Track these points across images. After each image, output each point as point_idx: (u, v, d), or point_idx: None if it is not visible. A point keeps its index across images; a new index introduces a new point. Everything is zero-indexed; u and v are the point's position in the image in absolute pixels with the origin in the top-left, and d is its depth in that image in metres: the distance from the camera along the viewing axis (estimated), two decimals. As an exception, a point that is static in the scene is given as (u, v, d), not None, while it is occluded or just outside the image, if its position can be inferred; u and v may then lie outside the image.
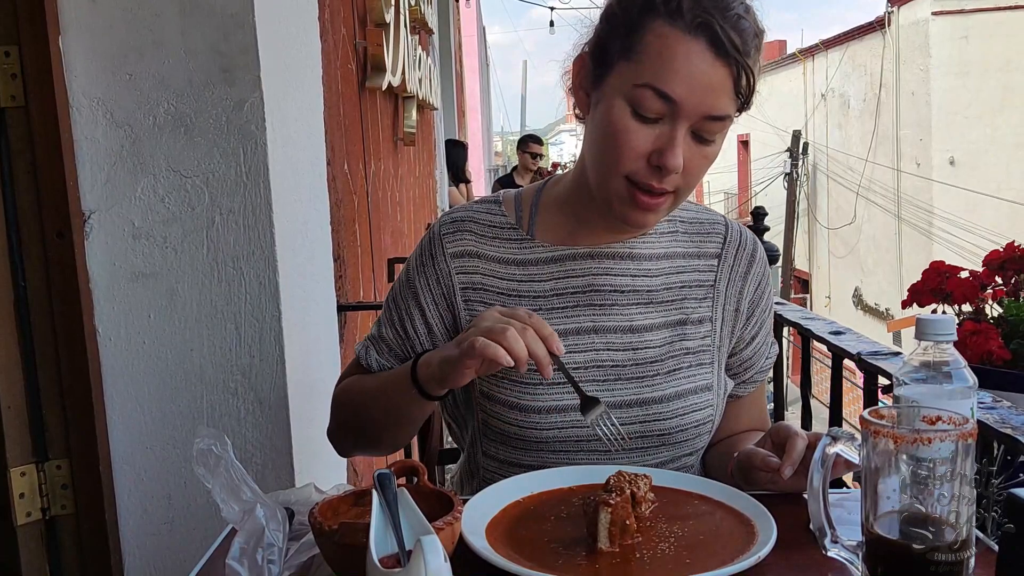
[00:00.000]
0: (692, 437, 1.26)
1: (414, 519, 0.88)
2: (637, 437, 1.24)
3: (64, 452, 1.58)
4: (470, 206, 1.34)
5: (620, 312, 1.26)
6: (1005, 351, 1.44)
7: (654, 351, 1.26)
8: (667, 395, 1.24)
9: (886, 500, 0.84)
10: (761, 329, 1.35)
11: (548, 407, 1.23)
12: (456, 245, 1.28)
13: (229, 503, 1.04)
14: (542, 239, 1.28)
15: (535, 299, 1.26)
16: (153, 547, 1.63)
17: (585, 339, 1.25)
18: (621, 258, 1.27)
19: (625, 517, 0.99)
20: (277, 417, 1.66)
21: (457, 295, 1.27)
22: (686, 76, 1.10)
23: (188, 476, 1.61)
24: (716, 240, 1.33)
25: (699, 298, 1.30)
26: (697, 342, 1.28)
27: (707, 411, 1.27)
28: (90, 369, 1.58)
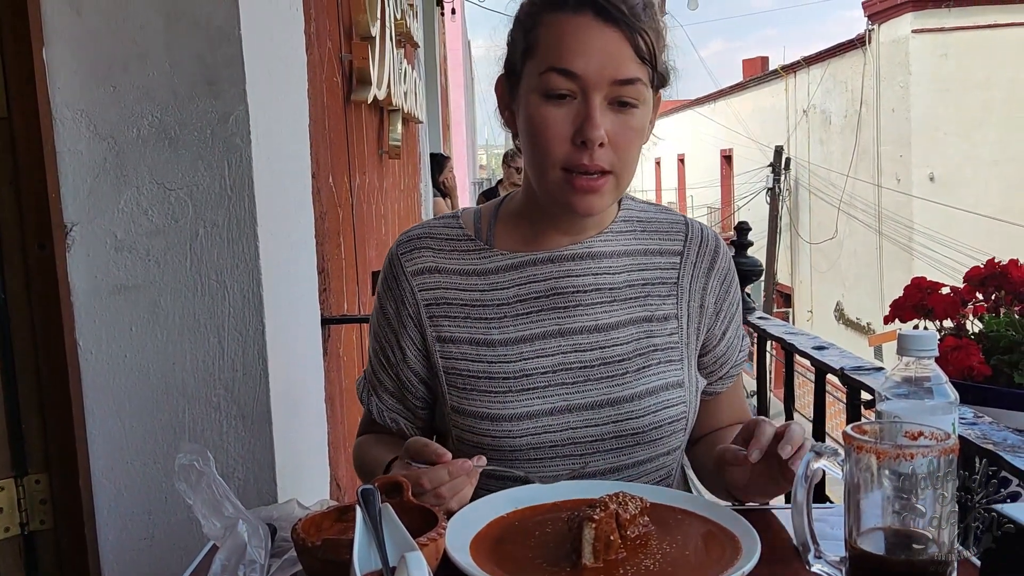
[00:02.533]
0: (667, 435, 1.27)
1: (398, 535, 0.87)
2: (611, 437, 1.25)
3: (43, 466, 1.56)
4: (427, 223, 1.36)
5: (585, 312, 1.27)
6: (985, 367, 1.45)
7: (622, 348, 1.27)
8: (638, 393, 1.25)
9: (869, 515, 0.84)
10: (731, 324, 1.36)
11: (519, 414, 1.23)
12: (414, 263, 1.30)
13: (211, 519, 1.03)
14: (501, 247, 1.30)
15: (499, 307, 1.27)
16: (133, 563, 1.61)
17: (552, 343, 1.26)
18: (581, 258, 1.28)
19: (609, 533, 0.99)
20: (260, 431, 1.65)
21: (423, 312, 1.29)
22: (581, 48, 1.16)
23: (169, 491, 1.60)
24: (677, 238, 1.34)
25: (663, 295, 1.30)
26: (664, 339, 1.29)
27: (679, 407, 1.27)
28: (70, 382, 1.56)
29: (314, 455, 2.03)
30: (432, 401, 1.35)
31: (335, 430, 2.49)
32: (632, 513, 1.03)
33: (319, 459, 2.11)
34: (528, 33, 1.21)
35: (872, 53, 14.92)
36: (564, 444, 1.23)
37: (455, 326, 1.28)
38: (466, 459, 1.08)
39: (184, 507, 1.59)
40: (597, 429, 1.24)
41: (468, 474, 1.08)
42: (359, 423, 1.44)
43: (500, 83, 1.29)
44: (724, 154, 22.83)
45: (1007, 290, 1.54)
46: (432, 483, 1.06)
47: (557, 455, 1.24)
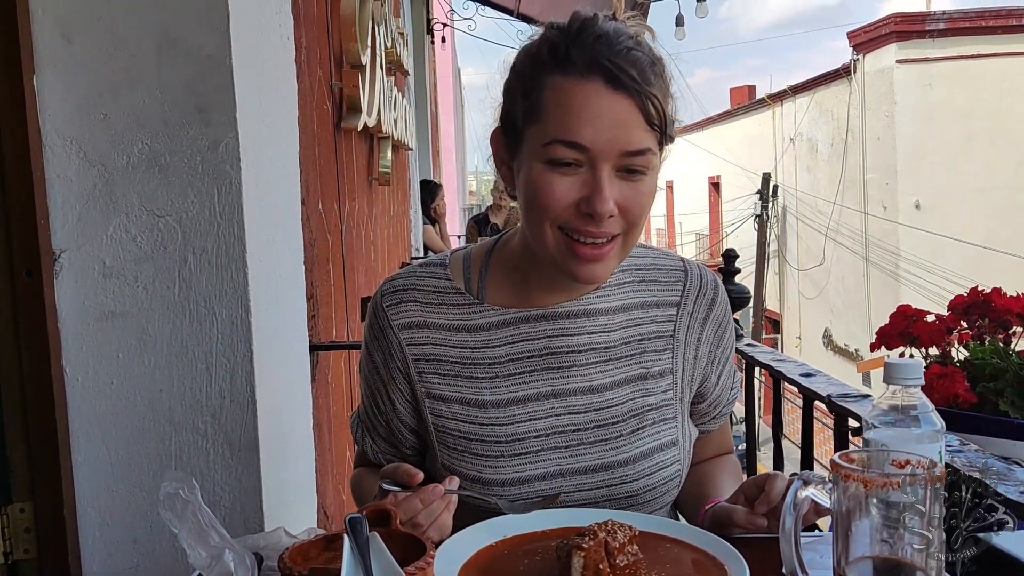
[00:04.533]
0: (661, 495, 1.25)
1: (386, 564, 0.87)
2: (605, 500, 1.22)
3: (28, 495, 1.54)
4: (412, 271, 1.30)
5: (579, 373, 1.23)
6: (971, 394, 1.46)
7: (616, 409, 1.23)
8: (632, 456, 1.22)
9: (858, 544, 0.84)
10: (725, 368, 1.34)
11: (511, 479, 1.21)
12: (401, 317, 1.25)
13: (196, 549, 1.02)
14: (492, 302, 1.25)
15: (490, 366, 1.23)
16: (117, 592, 1.59)
17: (545, 404, 1.22)
18: (576, 316, 1.24)
19: (598, 561, 0.98)
20: (247, 459, 1.64)
21: (411, 367, 1.25)
22: (590, 119, 1.08)
23: (155, 520, 1.58)
24: (675, 288, 1.29)
25: (658, 350, 1.27)
26: (659, 396, 1.26)
27: (674, 467, 1.25)
28: (56, 409, 1.55)
29: (301, 483, 2.02)
30: (423, 448, 1.32)
31: (323, 457, 2.48)
32: (621, 541, 1.02)
33: (307, 487, 2.09)
34: (530, 94, 1.13)
35: (857, 82, 15.12)
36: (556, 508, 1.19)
37: (445, 384, 1.24)
38: (437, 484, 1.05)
39: (170, 536, 1.58)
40: (591, 492, 1.22)
41: (442, 499, 1.06)
42: (355, 455, 1.44)
43: (496, 138, 1.22)
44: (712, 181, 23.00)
45: (991, 318, 1.56)
46: (406, 514, 1.03)
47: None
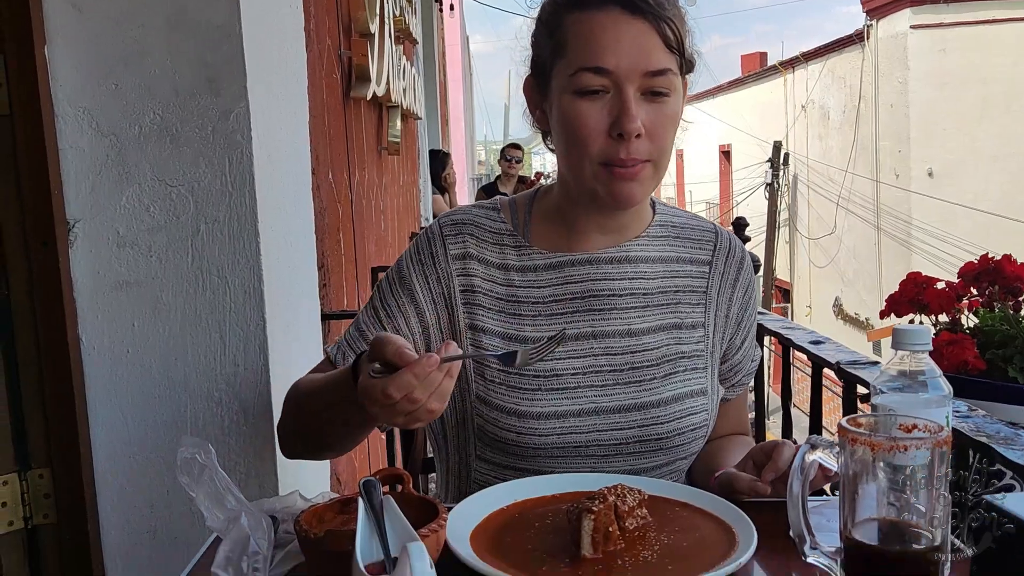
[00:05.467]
0: (688, 441, 1.28)
1: (399, 526, 0.89)
2: (635, 441, 1.25)
3: (46, 461, 1.57)
4: (469, 209, 1.35)
5: (619, 316, 1.28)
6: (980, 361, 1.47)
7: (651, 354, 1.27)
8: (664, 399, 1.26)
9: (864, 507, 0.85)
10: (749, 335, 1.39)
11: (546, 413, 1.23)
12: (458, 247, 1.29)
13: (213, 511, 1.04)
14: (539, 245, 1.30)
15: (534, 304, 1.27)
16: (136, 556, 1.62)
17: (584, 345, 1.26)
18: (619, 262, 1.29)
19: (608, 524, 1.00)
20: (261, 426, 1.66)
21: (456, 297, 1.28)
22: (611, 44, 1.16)
23: (171, 485, 1.61)
24: (707, 248, 1.35)
25: (692, 303, 1.32)
26: (692, 346, 1.30)
27: (703, 415, 1.28)
28: (73, 378, 1.57)
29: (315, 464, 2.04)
30: None
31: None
32: (630, 505, 1.04)
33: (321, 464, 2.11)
34: (554, 33, 1.21)
35: (870, 49, 14.93)
36: (588, 445, 1.24)
37: (488, 317, 1.27)
38: (432, 354, 0.95)
39: (186, 501, 1.61)
40: (622, 433, 1.25)
41: (440, 368, 0.96)
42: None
43: (528, 84, 1.29)
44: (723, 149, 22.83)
45: (1001, 285, 1.55)
46: (400, 390, 0.94)
47: (580, 455, 1.24)
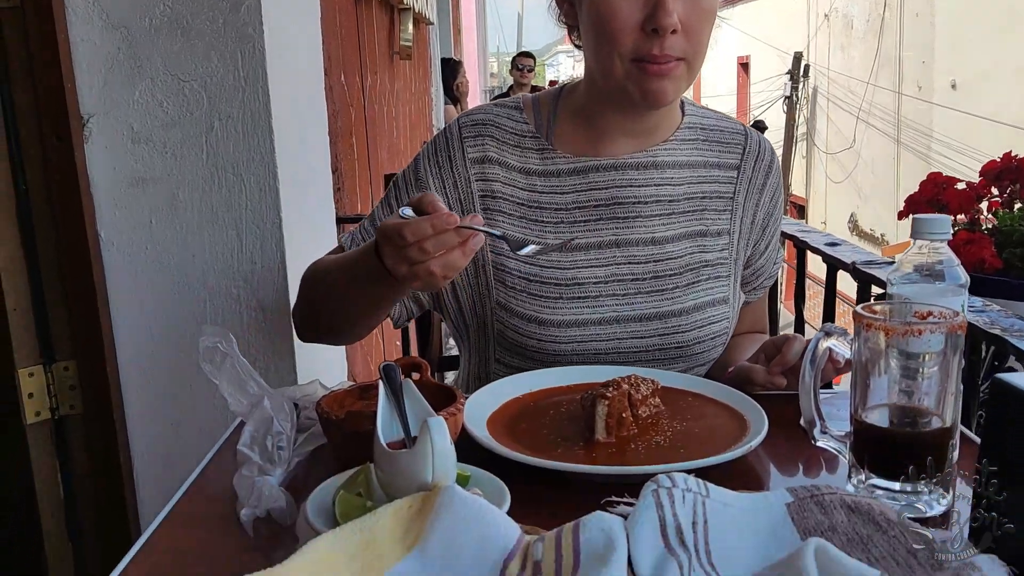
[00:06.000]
0: (708, 350, 1.28)
1: (419, 408, 0.90)
2: (655, 349, 1.25)
3: (71, 354, 1.61)
4: (490, 108, 1.30)
5: (643, 224, 1.25)
6: (997, 260, 1.46)
7: (674, 263, 1.26)
8: (686, 308, 1.25)
9: (876, 394, 0.86)
10: (773, 239, 1.37)
11: (568, 321, 1.23)
12: (477, 150, 1.26)
13: (236, 397, 1.07)
14: (563, 149, 1.26)
15: (556, 211, 1.25)
16: (161, 446, 1.67)
17: (607, 253, 1.25)
18: (644, 168, 1.26)
19: (621, 410, 1.02)
20: (279, 324, 1.68)
21: (476, 202, 1.25)
22: None
23: (193, 379, 1.65)
24: (735, 151, 1.32)
25: (718, 210, 1.30)
26: (715, 254, 1.29)
27: (723, 323, 1.28)
28: (94, 274, 1.59)
29: (332, 349, 2.07)
30: (436, 293, 1.30)
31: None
32: (644, 394, 1.06)
33: (337, 352, 2.15)
34: None
35: (898, -47, 14.39)
36: (608, 354, 1.24)
37: (509, 223, 1.25)
38: (452, 212, 0.95)
39: (209, 394, 1.65)
40: (642, 341, 1.25)
41: (459, 233, 0.95)
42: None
43: None
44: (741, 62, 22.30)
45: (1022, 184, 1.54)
46: (414, 235, 0.94)
47: (599, 363, 1.24)
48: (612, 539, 0.66)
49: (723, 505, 0.73)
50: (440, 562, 0.69)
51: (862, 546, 0.68)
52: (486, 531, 0.71)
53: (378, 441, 0.83)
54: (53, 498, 1.64)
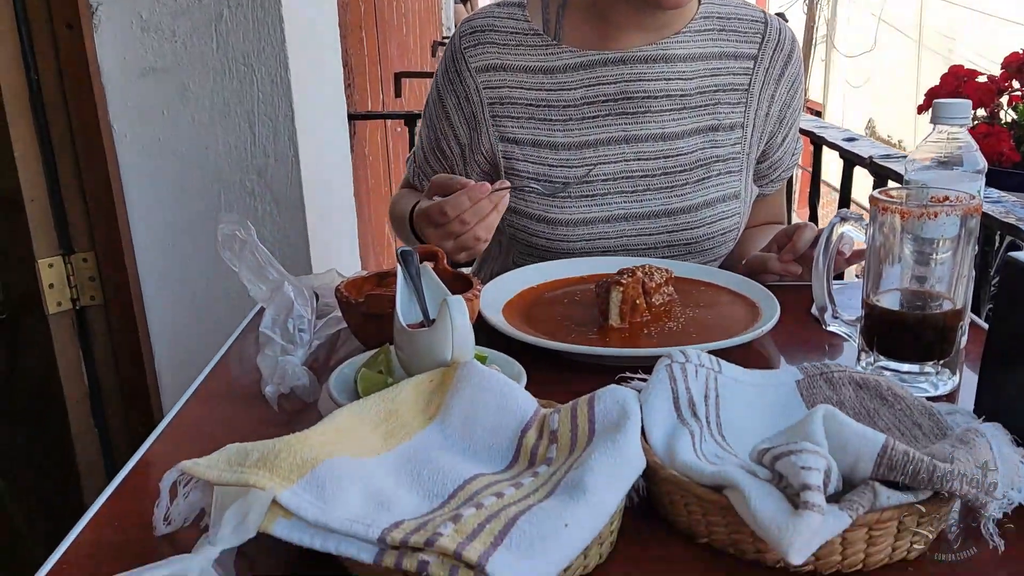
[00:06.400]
0: (717, 245, 1.28)
1: (436, 291, 0.91)
2: (664, 246, 1.26)
3: (89, 245, 1.63)
4: (490, 11, 1.28)
5: (653, 119, 1.24)
6: (1015, 153, 1.45)
7: (685, 158, 1.25)
8: (696, 204, 1.25)
9: (888, 280, 0.87)
10: (791, 131, 1.34)
11: (575, 220, 1.23)
12: (479, 59, 1.25)
13: (256, 283, 1.08)
14: (570, 43, 1.24)
15: (565, 108, 1.23)
16: (182, 336, 1.71)
17: (616, 149, 1.24)
18: (655, 61, 1.23)
19: (635, 297, 1.03)
20: (294, 217, 1.69)
21: (485, 111, 1.25)
22: None
23: (212, 271, 1.67)
24: (754, 40, 1.28)
25: (732, 103, 1.27)
26: (727, 149, 1.27)
27: (734, 219, 1.28)
28: (108, 166, 1.60)
29: (346, 243, 2.09)
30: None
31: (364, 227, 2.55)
32: (657, 282, 1.07)
33: (350, 249, 2.17)
34: None
35: None
36: (616, 251, 1.25)
37: (518, 127, 1.24)
38: (484, 183, 1.04)
39: (228, 286, 1.68)
40: (651, 238, 1.25)
41: (491, 198, 1.04)
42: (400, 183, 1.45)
43: None
44: (760, -41, 21.55)
45: (1045, 78, 1.51)
46: (454, 210, 1.03)
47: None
48: (626, 410, 0.68)
49: (734, 381, 0.75)
50: (460, 432, 0.72)
51: (868, 420, 0.70)
52: (504, 403, 0.73)
53: (398, 321, 0.84)
54: (78, 386, 1.68)
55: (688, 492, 0.62)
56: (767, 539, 0.56)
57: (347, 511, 0.59)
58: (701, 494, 0.61)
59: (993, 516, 0.59)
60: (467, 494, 0.63)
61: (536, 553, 0.55)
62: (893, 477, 0.57)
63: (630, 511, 0.67)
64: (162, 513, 0.64)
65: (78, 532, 0.68)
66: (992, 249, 1.17)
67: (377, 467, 0.66)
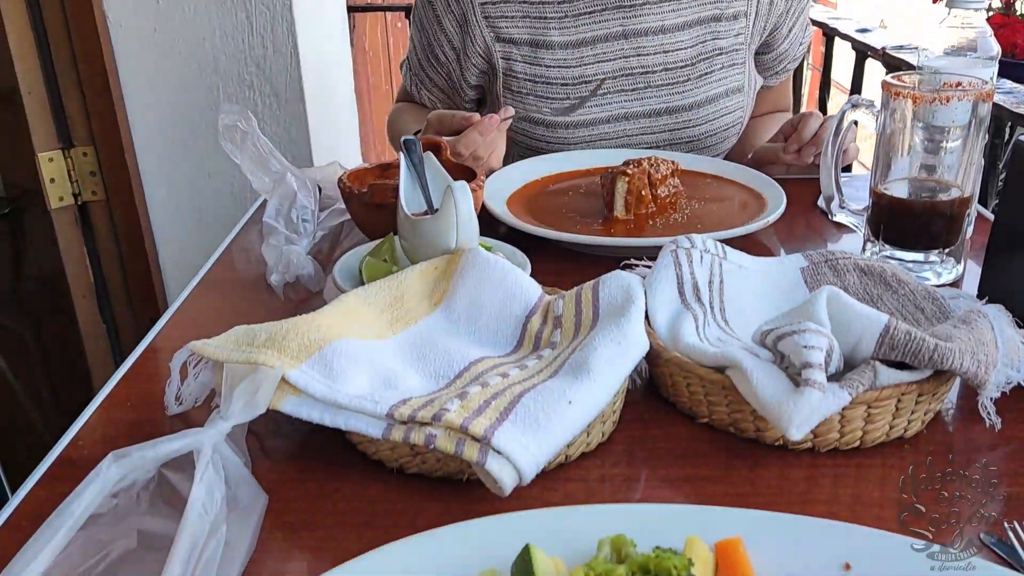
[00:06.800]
0: (720, 141, 1.27)
1: (440, 180, 0.91)
2: (666, 145, 1.24)
3: (88, 140, 1.61)
4: None
5: (651, 11, 1.20)
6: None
7: (685, 52, 1.22)
8: (698, 101, 1.23)
9: (897, 168, 0.86)
10: (798, 20, 1.30)
11: (576, 121, 1.21)
12: None
13: (259, 175, 1.07)
14: None
15: (560, 5, 1.20)
16: (184, 231, 1.71)
17: (615, 46, 1.21)
18: None
19: (641, 187, 1.03)
20: (295, 111, 1.67)
21: (476, 11, 1.21)
22: None
23: (212, 166, 1.65)
24: None
25: None
26: (730, 40, 1.24)
27: (737, 114, 1.26)
28: (104, 60, 1.56)
29: (346, 142, 2.06)
30: (480, 100, 1.31)
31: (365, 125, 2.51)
32: (663, 173, 1.06)
33: (352, 146, 2.14)
34: None
35: None
36: (619, 150, 1.21)
37: (513, 26, 1.21)
38: (492, 115, 1.04)
39: (230, 183, 1.67)
40: (653, 137, 1.23)
41: (500, 129, 1.06)
42: (397, 93, 1.43)
43: None
44: None
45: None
46: (467, 147, 1.04)
47: None
48: (631, 294, 0.69)
49: (739, 267, 0.75)
50: (465, 317, 0.72)
51: (872, 305, 0.71)
52: (509, 289, 0.73)
53: (402, 209, 0.84)
54: (83, 282, 1.69)
55: (690, 373, 0.63)
56: (767, 416, 0.57)
57: (355, 389, 0.60)
58: (703, 374, 0.62)
59: (991, 395, 0.59)
60: (472, 375, 0.64)
61: (540, 428, 0.57)
62: (895, 356, 0.58)
63: (633, 393, 0.69)
64: (173, 392, 0.66)
65: (91, 412, 0.69)
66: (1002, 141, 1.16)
67: (383, 350, 0.67)
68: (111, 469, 0.51)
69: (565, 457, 0.61)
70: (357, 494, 0.58)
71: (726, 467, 0.60)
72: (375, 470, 0.60)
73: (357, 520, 0.56)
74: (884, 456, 0.60)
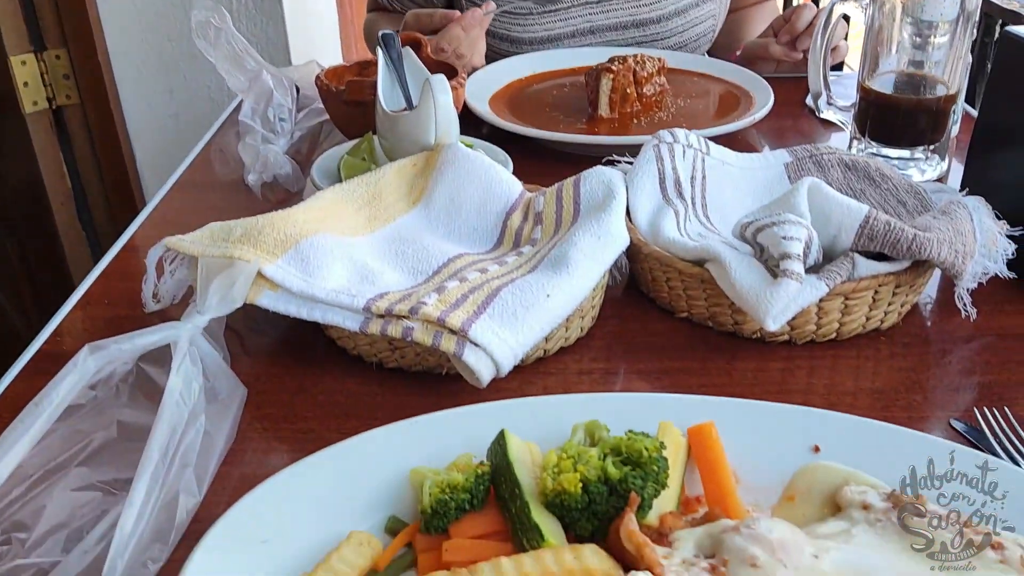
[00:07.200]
0: (693, 50, 1.23)
1: (419, 76, 0.88)
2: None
3: (61, 42, 1.56)
4: None
5: None
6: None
7: None
8: (665, 14, 1.19)
9: (885, 62, 0.85)
10: None
11: (539, 38, 1.18)
12: None
13: (234, 73, 1.04)
14: None
15: None
16: (160, 136, 1.67)
17: None
18: None
19: (626, 85, 1.01)
20: (269, 7, 1.61)
21: None
22: None
23: (187, 72, 1.61)
24: None
25: None
26: None
27: (708, 23, 1.22)
28: (70, -48, 1.51)
29: (327, 42, 2.01)
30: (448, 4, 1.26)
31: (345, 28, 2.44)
32: (649, 71, 1.04)
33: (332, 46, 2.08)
34: None
35: None
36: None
37: None
38: (475, 9, 1.02)
39: (205, 87, 1.63)
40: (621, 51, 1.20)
41: (481, 24, 1.04)
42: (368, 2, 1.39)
43: None
44: None
45: None
46: (450, 44, 1.02)
47: None
48: (612, 190, 0.68)
49: (722, 163, 0.74)
50: (444, 214, 0.71)
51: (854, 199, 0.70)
52: (489, 186, 0.72)
53: (380, 106, 0.82)
54: (61, 188, 1.67)
55: (670, 267, 0.63)
56: (745, 307, 0.57)
57: (332, 283, 0.60)
58: (682, 268, 0.62)
59: (968, 286, 0.60)
60: (451, 270, 0.64)
61: (518, 321, 0.57)
62: (874, 247, 0.58)
63: (613, 289, 0.69)
64: (150, 290, 0.65)
65: (69, 309, 0.69)
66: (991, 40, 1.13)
67: (361, 246, 0.66)
68: (88, 361, 0.51)
69: (544, 351, 0.62)
70: (337, 388, 0.59)
71: (704, 359, 0.61)
72: (354, 365, 0.61)
73: (337, 412, 0.56)
74: (860, 347, 0.61)
